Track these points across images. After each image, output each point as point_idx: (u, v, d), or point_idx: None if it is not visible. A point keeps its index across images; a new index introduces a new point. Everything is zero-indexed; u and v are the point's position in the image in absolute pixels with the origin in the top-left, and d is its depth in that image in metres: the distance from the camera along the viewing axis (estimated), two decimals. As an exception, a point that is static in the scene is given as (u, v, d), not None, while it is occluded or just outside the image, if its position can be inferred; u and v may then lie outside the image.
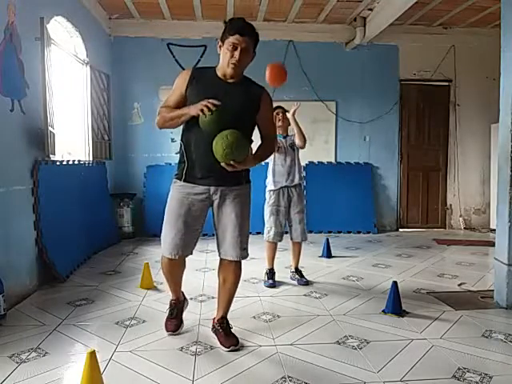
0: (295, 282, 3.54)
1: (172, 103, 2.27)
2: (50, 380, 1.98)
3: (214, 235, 2.38)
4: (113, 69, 5.73)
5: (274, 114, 3.39)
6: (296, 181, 3.49)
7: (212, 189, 2.26)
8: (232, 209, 2.28)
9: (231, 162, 2.07)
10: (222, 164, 2.09)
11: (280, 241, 3.52)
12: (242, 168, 2.17)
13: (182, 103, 2.24)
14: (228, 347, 2.30)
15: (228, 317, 2.46)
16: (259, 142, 2.35)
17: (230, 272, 2.37)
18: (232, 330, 2.41)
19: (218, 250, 2.37)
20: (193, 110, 2.09)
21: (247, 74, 2.35)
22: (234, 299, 2.49)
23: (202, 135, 2.15)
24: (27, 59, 3.32)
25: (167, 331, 2.53)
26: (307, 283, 3.49)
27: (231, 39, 2.14)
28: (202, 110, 2.03)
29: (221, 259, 2.39)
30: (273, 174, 3.47)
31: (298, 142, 3.46)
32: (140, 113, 5.99)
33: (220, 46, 2.23)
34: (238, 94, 2.23)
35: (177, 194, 2.29)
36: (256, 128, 2.38)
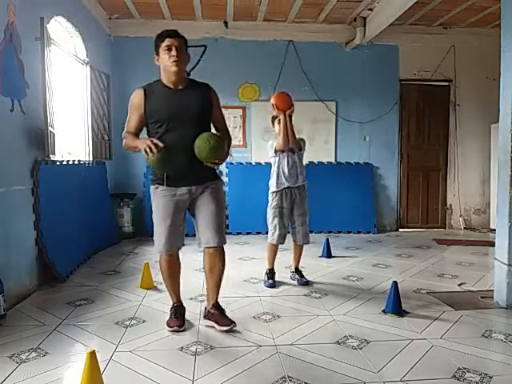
0: (295, 282, 3.54)
1: (133, 128, 2.46)
2: (50, 380, 1.98)
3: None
4: (113, 69, 5.73)
5: (277, 122, 3.40)
6: (299, 182, 3.45)
7: (193, 188, 2.48)
8: (211, 202, 2.50)
9: (216, 161, 2.34)
10: (208, 164, 2.35)
11: (283, 243, 3.49)
12: (222, 163, 2.46)
13: (143, 122, 2.46)
14: (228, 325, 2.49)
15: (228, 316, 2.55)
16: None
17: (217, 258, 2.54)
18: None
19: (199, 241, 2.54)
20: (140, 145, 2.29)
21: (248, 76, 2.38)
22: (234, 299, 2.55)
23: (174, 144, 2.31)
24: (27, 59, 3.32)
25: (170, 327, 2.55)
26: (307, 283, 3.48)
27: (164, 44, 2.37)
28: (146, 150, 2.21)
29: (205, 249, 2.55)
30: (276, 176, 3.45)
31: (278, 141, 3.37)
32: (140, 113, 5.98)
33: (157, 59, 2.44)
34: (191, 99, 2.43)
35: (162, 198, 2.47)
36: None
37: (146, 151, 2.21)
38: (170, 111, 2.39)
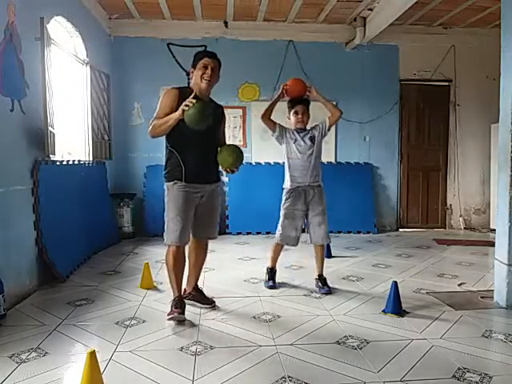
0: (294, 283, 3.54)
1: (162, 117, 2.66)
2: (50, 380, 1.98)
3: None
4: (113, 69, 5.73)
5: (292, 112, 3.28)
6: (314, 180, 3.29)
7: (207, 186, 2.78)
8: (213, 199, 2.86)
9: (234, 169, 2.75)
10: (226, 170, 2.74)
11: (295, 245, 3.38)
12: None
13: None
14: (211, 304, 2.89)
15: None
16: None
17: (203, 248, 2.95)
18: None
19: (194, 232, 2.84)
20: (177, 112, 2.54)
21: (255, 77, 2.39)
22: (234, 299, 2.66)
23: (191, 144, 2.67)
24: (27, 59, 3.32)
25: (171, 315, 2.61)
26: (329, 292, 3.24)
27: (202, 61, 2.69)
28: (185, 105, 2.50)
29: (196, 239, 2.89)
30: (290, 173, 3.30)
31: (329, 120, 3.28)
32: (140, 113, 6.00)
33: (192, 72, 2.76)
34: (211, 110, 2.69)
35: (181, 193, 2.68)
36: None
37: (185, 107, 2.48)
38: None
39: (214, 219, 2.90)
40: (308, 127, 3.38)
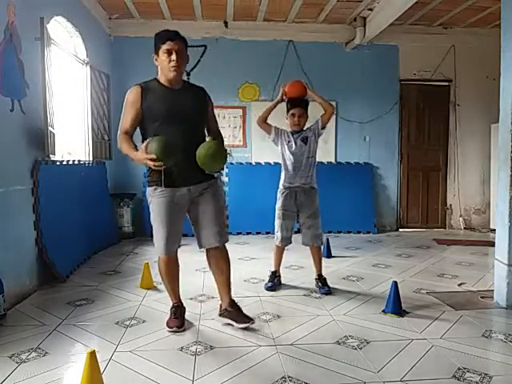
0: (294, 283, 3.54)
1: (129, 125, 2.43)
2: (50, 380, 1.98)
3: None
4: (113, 69, 5.73)
5: (289, 114, 3.26)
6: (305, 182, 3.28)
7: (192, 188, 2.46)
8: (210, 200, 2.50)
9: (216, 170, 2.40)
10: (207, 171, 2.39)
11: (287, 245, 3.40)
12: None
13: (139, 119, 2.44)
14: (248, 322, 2.51)
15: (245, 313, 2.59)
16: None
17: (221, 258, 2.58)
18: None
19: (200, 242, 2.55)
20: (138, 161, 2.29)
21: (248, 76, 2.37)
22: (234, 299, 2.55)
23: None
24: (27, 59, 3.32)
25: (170, 328, 2.54)
26: (329, 292, 3.24)
27: (164, 46, 2.34)
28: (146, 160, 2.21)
29: (207, 250, 2.57)
30: (284, 173, 3.32)
31: (322, 118, 3.26)
32: (140, 113, 5.99)
33: (156, 59, 2.42)
34: (187, 98, 2.45)
35: (161, 199, 2.42)
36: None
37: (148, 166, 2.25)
38: (167, 108, 2.39)
39: (212, 224, 2.49)
40: (305, 128, 3.37)
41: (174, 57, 2.33)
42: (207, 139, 2.39)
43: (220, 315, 2.64)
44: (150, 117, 2.40)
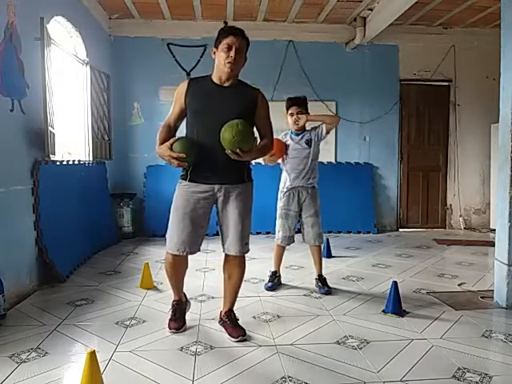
0: (294, 283, 3.54)
1: (172, 120, 2.42)
2: (50, 380, 1.98)
3: (214, 235, 2.41)
4: (113, 69, 5.72)
5: (288, 113, 3.30)
6: (308, 182, 3.31)
7: (216, 187, 2.35)
8: (235, 206, 2.37)
9: (237, 151, 2.15)
10: (228, 152, 2.17)
11: (288, 244, 3.42)
12: (245, 159, 2.26)
13: (183, 113, 2.41)
14: (237, 337, 2.40)
15: (239, 326, 2.51)
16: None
17: (235, 267, 2.50)
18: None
19: (223, 246, 2.47)
20: (162, 156, 2.31)
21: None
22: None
23: (203, 137, 2.29)
24: (27, 59, 3.32)
25: (170, 329, 2.53)
26: (329, 292, 3.25)
27: (226, 40, 2.27)
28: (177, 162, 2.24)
29: (225, 255, 2.50)
30: (287, 174, 3.36)
31: (325, 128, 3.28)
32: (140, 113, 6.00)
33: (214, 52, 2.36)
34: (232, 97, 2.34)
35: (182, 194, 2.37)
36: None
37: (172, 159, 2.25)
38: (205, 105, 2.32)
39: (233, 231, 2.38)
40: (308, 127, 3.38)
41: (232, 53, 2.25)
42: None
43: (218, 322, 2.60)
44: (189, 111, 2.36)
